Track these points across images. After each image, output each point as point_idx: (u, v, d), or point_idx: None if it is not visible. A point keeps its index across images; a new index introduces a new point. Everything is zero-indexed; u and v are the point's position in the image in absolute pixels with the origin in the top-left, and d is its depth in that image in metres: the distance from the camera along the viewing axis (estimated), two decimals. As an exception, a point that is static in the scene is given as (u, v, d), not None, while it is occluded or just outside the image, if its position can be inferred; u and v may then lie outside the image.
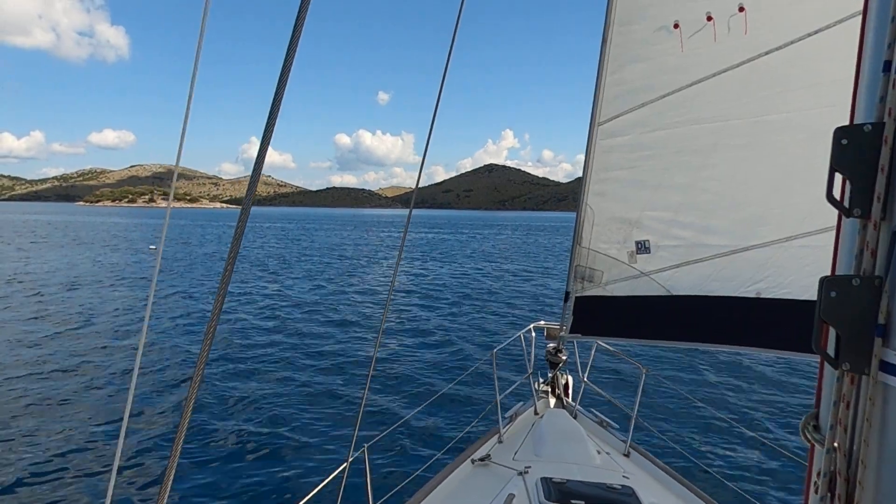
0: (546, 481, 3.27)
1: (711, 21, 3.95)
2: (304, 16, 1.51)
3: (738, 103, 3.94)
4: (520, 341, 5.14)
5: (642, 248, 4.41)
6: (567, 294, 4.82)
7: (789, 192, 3.81)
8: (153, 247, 36.11)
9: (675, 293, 4.29)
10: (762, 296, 3.95)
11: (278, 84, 1.51)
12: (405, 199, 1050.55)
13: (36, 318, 17.01)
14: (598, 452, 3.93)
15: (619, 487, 3.23)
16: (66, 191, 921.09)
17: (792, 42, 3.70)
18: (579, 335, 4.80)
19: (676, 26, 4.08)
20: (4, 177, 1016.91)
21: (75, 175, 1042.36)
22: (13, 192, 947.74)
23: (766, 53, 3.79)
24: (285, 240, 61.46)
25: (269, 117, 1.51)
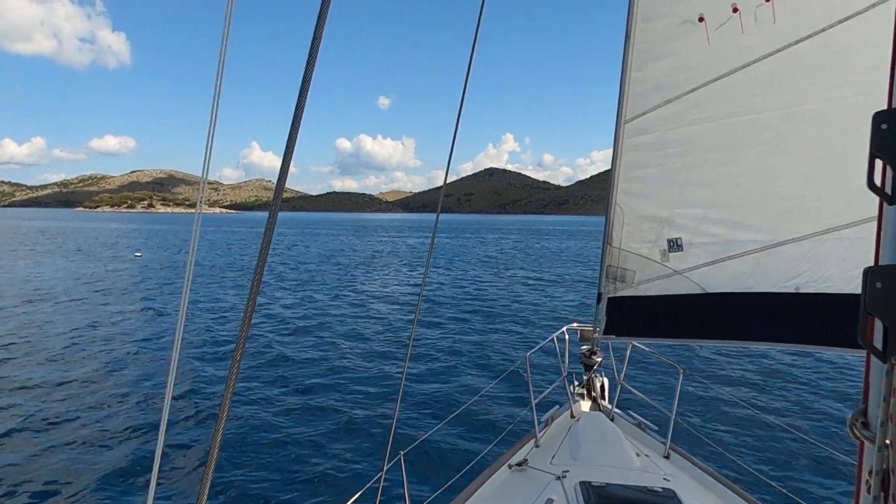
0: (585, 485, 3.21)
1: (737, 12, 3.88)
2: (325, 18, 1.50)
3: (768, 95, 3.85)
4: (553, 344, 5.04)
5: (674, 245, 4.33)
6: (599, 295, 4.74)
7: (824, 183, 3.72)
8: (138, 254, 34.77)
9: (710, 291, 4.19)
10: (801, 290, 3.86)
11: (301, 88, 1.51)
12: (405, 203, 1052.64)
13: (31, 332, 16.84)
14: (637, 455, 3.85)
15: (661, 490, 3.16)
16: (67, 197, 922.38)
17: (823, 30, 3.61)
18: (613, 336, 4.72)
19: (701, 20, 4.00)
20: (5, 183, 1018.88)
21: (76, 181, 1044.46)
22: (13, 199, 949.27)
23: (796, 43, 3.71)
24: (300, 246, 60.61)
25: (292, 122, 1.51)
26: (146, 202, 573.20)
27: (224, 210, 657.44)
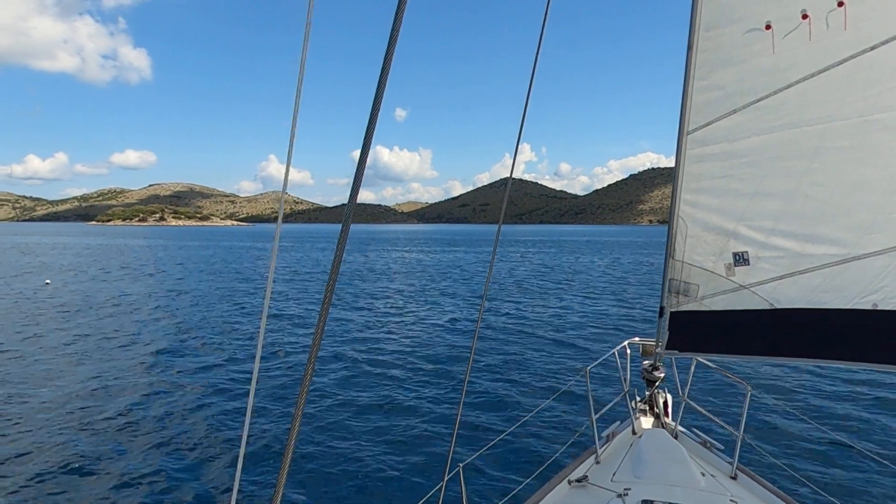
0: None
1: (807, 19, 3.75)
2: (399, 26, 1.46)
3: (842, 103, 3.72)
4: (614, 358, 4.92)
5: (741, 259, 4.18)
6: (662, 309, 4.61)
7: None
8: (48, 281, 32.40)
9: (779, 306, 4.04)
10: (880, 307, 3.70)
11: (375, 98, 1.47)
12: (420, 213, 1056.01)
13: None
14: (703, 475, 3.74)
15: None
16: (86, 210, 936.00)
17: None
18: (676, 352, 4.58)
19: (768, 27, 3.88)
20: (27, 198, 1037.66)
21: (95, 195, 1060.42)
22: (34, 213, 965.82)
23: (872, 49, 3.58)
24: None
25: (366, 133, 1.46)
26: (158, 215, 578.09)
27: (236, 222, 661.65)
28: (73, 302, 24.25)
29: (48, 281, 32.56)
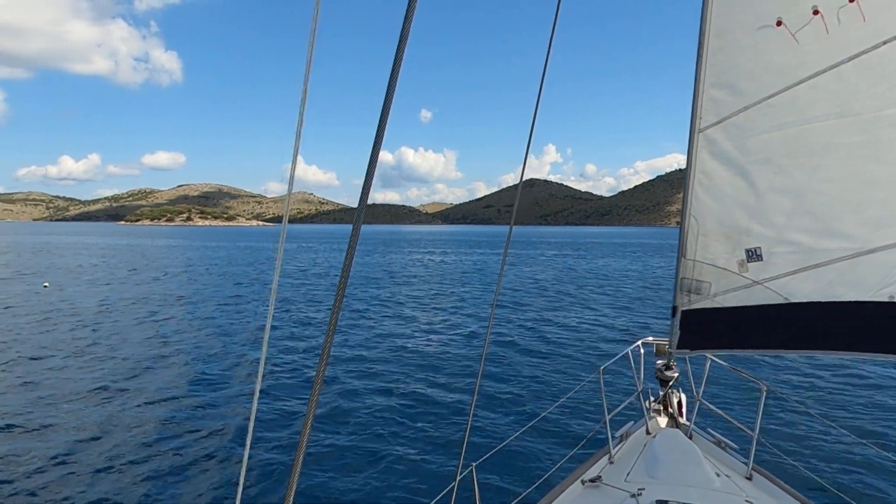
0: None
1: (818, 15, 3.73)
2: (409, 26, 1.49)
3: (853, 99, 3.69)
4: (627, 358, 4.91)
5: (753, 255, 4.17)
6: (674, 308, 4.60)
7: None
8: (46, 284, 30.96)
9: (794, 300, 4.02)
10: None
11: (385, 98, 1.51)
12: (445, 214, 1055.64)
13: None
14: (718, 475, 3.72)
15: None
16: (116, 210, 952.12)
17: None
18: (688, 350, 4.57)
19: (779, 24, 3.87)
20: (60, 198, 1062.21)
21: (126, 195, 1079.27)
22: (66, 213, 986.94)
23: (884, 44, 3.55)
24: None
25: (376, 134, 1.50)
26: (185, 215, 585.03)
27: (261, 223, 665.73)
28: (66, 306, 23.37)
29: (46, 283, 31.81)
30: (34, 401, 10.89)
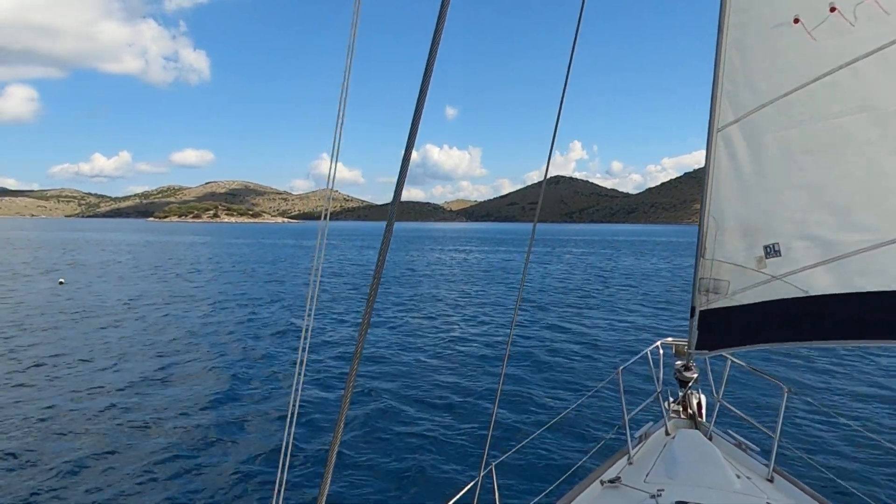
0: None
1: (835, 11, 3.70)
2: (442, 27, 1.48)
3: (873, 94, 3.65)
4: (646, 359, 4.87)
5: (772, 251, 4.13)
6: (693, 309, 4.59)
7: None
8: (62, 281, 30.58)
9: (813, 293, 3.98)
10: None
11: (418, 97, 1.50)
12: (469, 212, 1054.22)
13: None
14: (738, 477, 3.68)
15: None
16: (146, 207, 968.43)
17: None
18: (706, 350, 4.54)
19: (797, 21, 3.84)
20: (92, 195, 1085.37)
21: (155, 192, 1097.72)
22: (98, 209, 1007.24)
23: None
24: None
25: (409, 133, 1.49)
26: (212, 212, 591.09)
27: (287, 219, 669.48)
28: (80, 304, 23.23)
29: (62, 280, 31.57)
30: (57, 397, 11.14)
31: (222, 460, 8.42)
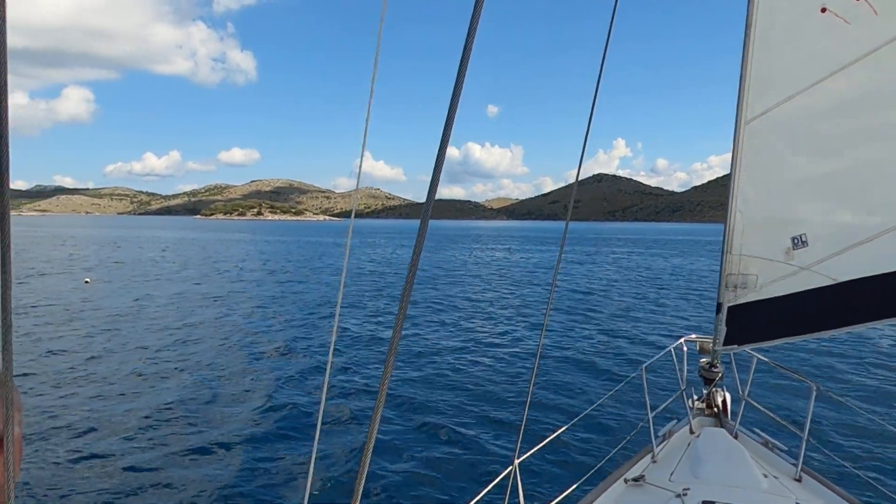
0: None
1: (861, 0, 3.63)
2: (478, 19, 1.49)
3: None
4: (670, 356, 4.82)
5: (799, 242, 4.08)
6: (719, 305, 4.53)
7: None
8: (87, 280, 29.76)
9: (841, 280, 3.92)
10: None
11: (452, 95, 1.52)
12: (509, 210, 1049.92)
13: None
14: (765, 476, 3.63)
15: None
16: (194, 205, 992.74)
17: None
18: (735, 346, 4.48)
19: (824, 10, 3.80)
20: (143, 193, 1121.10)
21: (202, 190, 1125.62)
22: (148, 207, 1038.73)
23: None
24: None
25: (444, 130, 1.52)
26: (255, 210, 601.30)
27: (328, 217, 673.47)
28: (107, 304, 22.55)
29: (88, 279, 30.67)
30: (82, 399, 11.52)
31: (257, 448, 8.61)
